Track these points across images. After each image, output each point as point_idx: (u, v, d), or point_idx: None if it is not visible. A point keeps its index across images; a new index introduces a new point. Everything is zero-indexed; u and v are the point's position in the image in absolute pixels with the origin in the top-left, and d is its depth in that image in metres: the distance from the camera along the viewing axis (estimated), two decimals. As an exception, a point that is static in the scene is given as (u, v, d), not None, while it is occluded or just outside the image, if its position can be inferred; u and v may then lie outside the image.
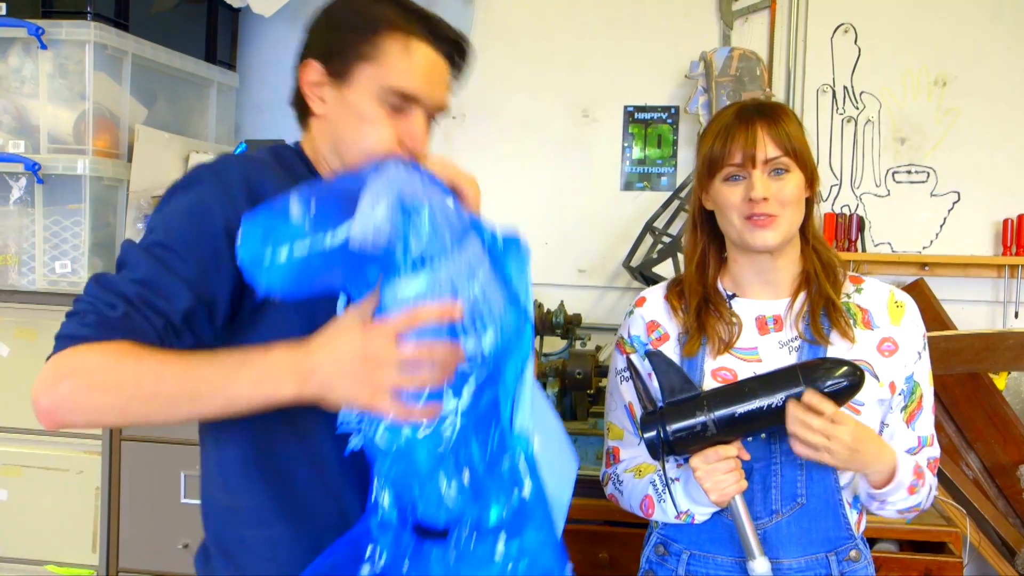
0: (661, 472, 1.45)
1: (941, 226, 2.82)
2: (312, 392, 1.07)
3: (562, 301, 2.70)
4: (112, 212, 2.49)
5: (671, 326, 1.56)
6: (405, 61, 1.22)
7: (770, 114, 1.46)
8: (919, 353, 1.52)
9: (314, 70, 1.25)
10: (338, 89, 1.24)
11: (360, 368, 1.05)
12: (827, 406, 1.34)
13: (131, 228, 2.47)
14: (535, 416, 1.14)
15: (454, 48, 1.27)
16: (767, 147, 1.43)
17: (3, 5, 2.38)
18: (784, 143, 1.44)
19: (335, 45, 1.24)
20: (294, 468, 1.22)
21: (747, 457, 1.42)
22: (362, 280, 1.11)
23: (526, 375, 1.13)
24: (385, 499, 1.13)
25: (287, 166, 1.28)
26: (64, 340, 1.09)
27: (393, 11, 1.24)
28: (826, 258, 1.52)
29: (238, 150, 2.72)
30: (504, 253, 1.17)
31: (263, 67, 3.15)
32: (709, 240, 1.56)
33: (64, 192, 2.38)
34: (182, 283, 1.13)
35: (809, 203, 1.50)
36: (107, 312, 1.09)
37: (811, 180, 1.48)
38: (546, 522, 1.14)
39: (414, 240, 1.07)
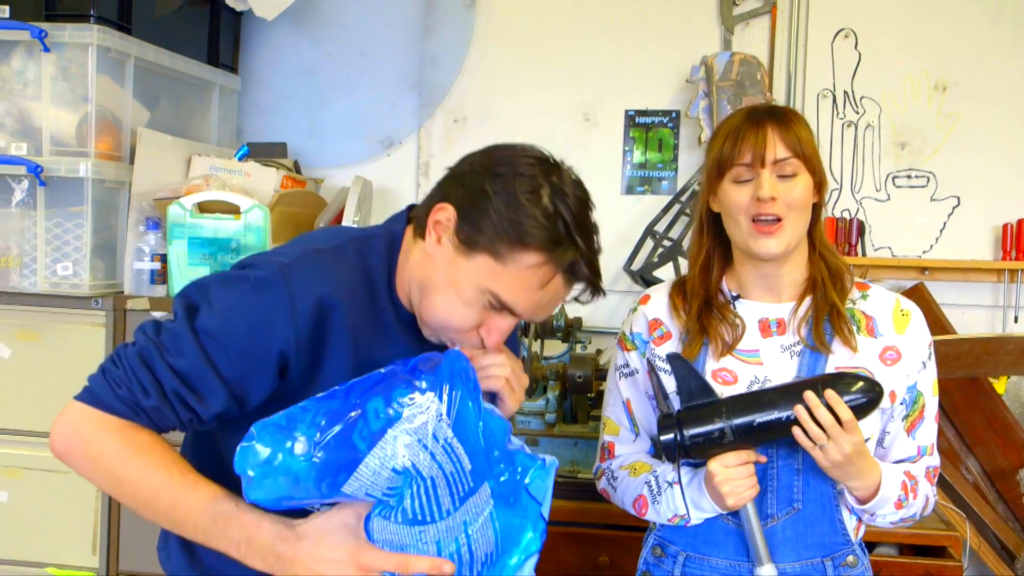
0: (676, 474, 1.46)
1: (941, 230, 2.82)
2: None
3: (563, 304, 2.70)
4: (114, 214, 2.50)
5: (673, 325, 1.56)
6: (530, 289, 1.19)
7: (781, 117, 1.47)
8: (923, 363, 1.52)
9: (446, 217, 1.21)
10: (456, 251, 1.20)
11: None
12: (845, 412, 1.34)
13: (133, 230, 2.47)
14: None
15: (586, 290, 1.26)
16: (777, 148, 1.43)
17: (6, 8, 2.39)
18: (794, 145, 1.44)
19: (478, 217, 1.18)
20: None
21: (763, 460, 1.42)
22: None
23: (525, 569, 1.20)
24: None
25: (368, 274, 1.26)
26: (94, 399, 1.16)
27: (551, 236, 1.17)
28: (834, 265, 1.52)
29: (239, 153, 2.73)
30: (531, 471, 1.22)
31: (265, 70, 3.16)
32: (714, 243, 1.56)
33: (66, 194, 2.38)
34: (221, 384, 1.16)
35: (817, 208, 1.50)
36: (140, 397, 1.14)
37: (819, 185, 1.48)
38: None
39: (408, 502, 1.13)
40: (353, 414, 1.12)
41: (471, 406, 1.15)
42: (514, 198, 1.17)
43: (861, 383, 1.37)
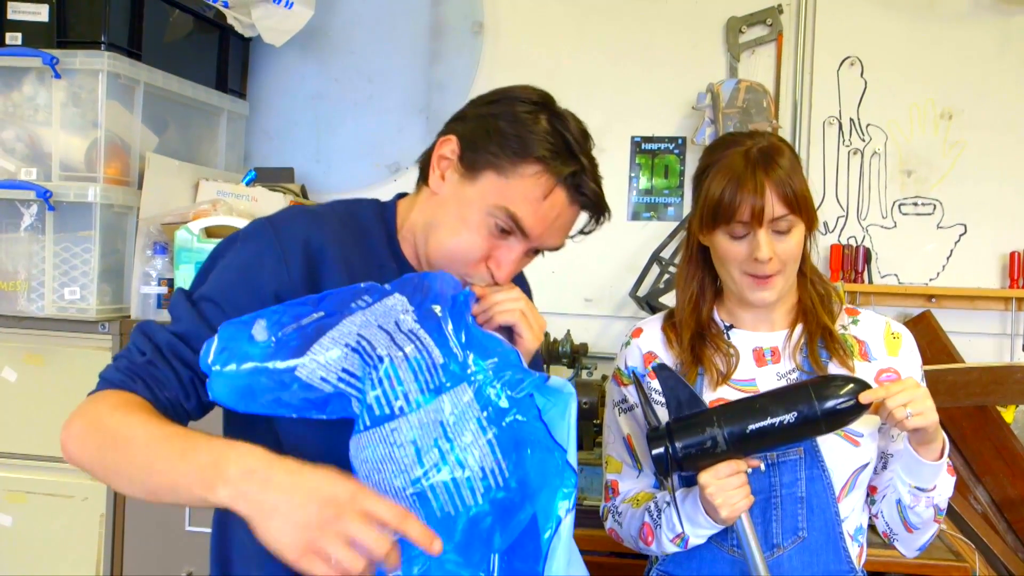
0: (668, 489, 1.42)
1: (948, 258, 2.82)
2: (245, 509, 0.95)
3: (568, 330, 2.70)
4: (122, 239, 2.51)
5: (668, 357, 1.55)
6: (535, 199, 1.18)
7: (775, 164, 1.42)
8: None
9: (450, 147, 1.23)
10: (461, 179, 1.21)
11: (311, 515, 0.93)
12: (880, 393, 1.34)
13: (140, 255, 2.48)
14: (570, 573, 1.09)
15: (592, 209, 1.24)
16: (775, 206, 1.40)
17: (18, 35, 2.42)
18: (791, 199, 1.40)
19: (481, 140, 1.20)
20: None
21: (757, 464, 1.40)
22: (317, 416, 1.07)
23: (562, 529, 1.07)
24: None
25: (361, 227, 1.27)
26: (100, 381, 1.14)
27: (553, 147, 1.19)
28: (822, 289, 1.52)
29: (247, 178, 2.74)
30: (541, 395, 1.11)
31: (273, 96, 3.18)
32: (704, 274, 1.55)
33: (75, 219, 2.40)
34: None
35: (806, 241, 1.49)
36: (135, 358, 1.13)
37: (810, 225, 1.47)
38: None
39: (370, 393, 1.05)
40: (317, 314, 1.09)
41: (445, 311, 1.11)
42: (515, 116, 1.20)
43: (851, 384, 1.34)
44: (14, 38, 2.42)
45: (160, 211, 2.51)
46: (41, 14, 2.42)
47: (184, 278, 2.38)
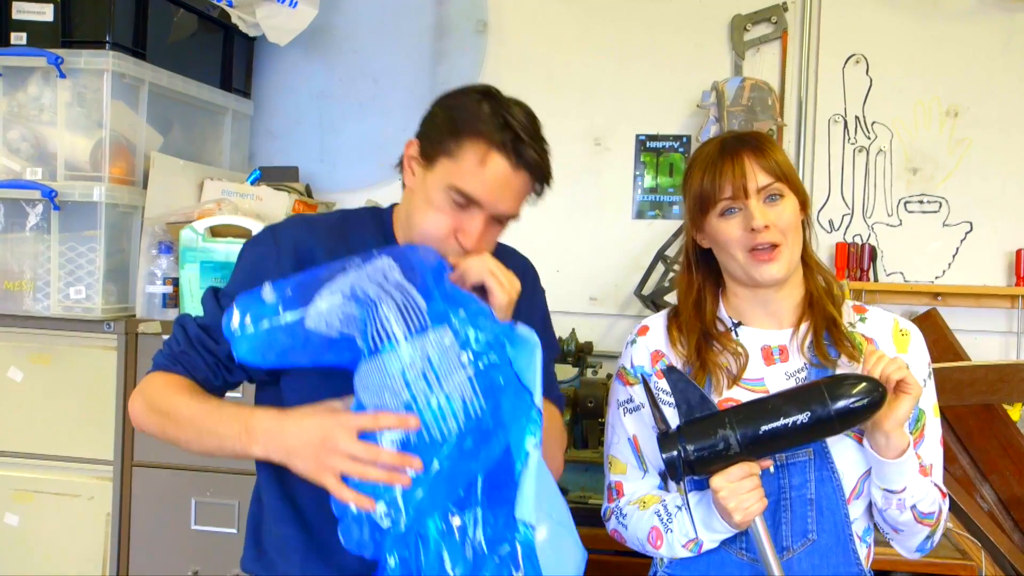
0: (681, 493, 1.42)
1: (954, 256, 2.81)
2: (277, 457, 1.26)
3: (573, 329, 2.70)
4: (127, 238, 2.51)
5: (672, 355, 1.53)
6: (476, 168, 1.33)
7: (755, 144, 1.45)
8: (924, 381, 1.49)
9: (413, 148, 1.41)
10: (423, 170, 1.39)
11: (316, 448, 1.22)
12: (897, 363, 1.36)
13: (145, 254, 2.48)
14: (542, 504, 1.23)
15: (532, 172, 1.37)
16: (757, 176, 1.42)
17: (23, 35, 2.42)
18: (774, 169, 1.43)
19: (432, 132, 1.39)
20: (302, 491, 1.40)
21: (768, 465, 1.39)
22: (329, 361, 1.28)
23: (530, 463, 1.23)
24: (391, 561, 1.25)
25: (354, 230, 1.47)
26: (152, 364, 1.43)
27: (485, 120, 1.34)
28: (826, 282, 1.52)
29: (251, 178, 2.74)
30: (514, 347, 1.26)
31: (277, 95, 3.18)
32: (704, 278, 1.54)
33: (80, 219, 2.40)
34: None
35: (803, 227, 1.49)
36: (174, 347, 1.43)
37: (803, 203, 1.47)
38: None
39: (369, 331, 1.23)
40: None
41: (427, 271, 1.28)
42: (457, 104, 1.38)
43: (864, 384, 1.33)
44: (19, 38, 2.43)
45: (165, 210, 2.51)
46: (46, 14, 2.43)
47: (189, 277, 2.38)
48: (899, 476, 1.39)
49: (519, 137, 1.34)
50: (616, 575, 2.19)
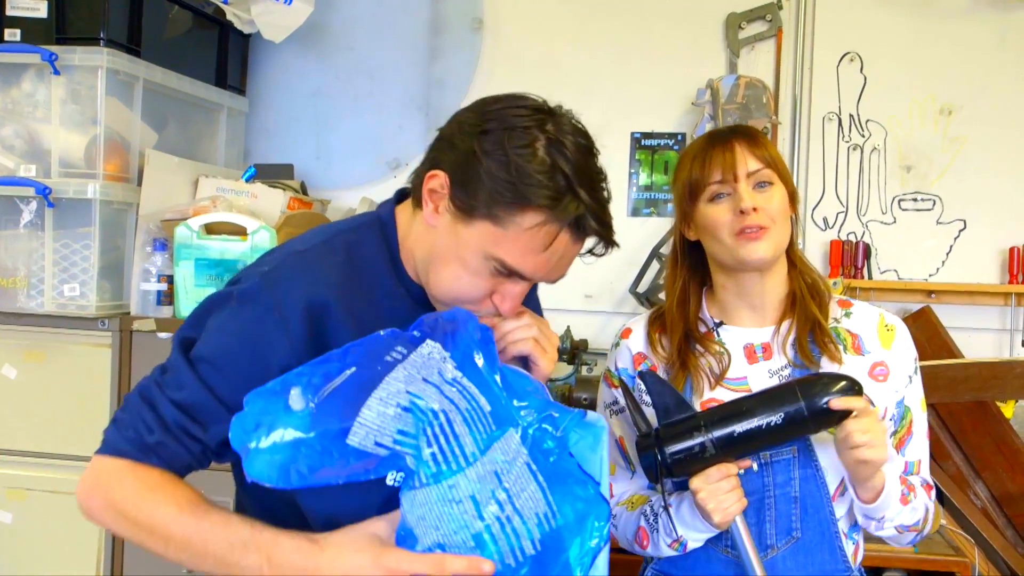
0: (661, 495, 1.42)
1: (948, 254, 2.82)
2: None
3: (568, 326, 2.70)
4: (121, 236, 2.51)
5: (656, 359, 1.53)
6: (535, 250, 1.11)
7: (745, 133, 1.46)
8: (910, 377, 1.50)
9: (440, 184, 1.13)
10: (455, 221, 1.13)
11: None
12: (856, 402, 1.31)
13: (140, 251, 2.48)
14: None
15: (599, 240, 1.17)
16: (747, 161, 1.42)
17: (17, 31, 2.41)
18: (764, 157, 1.43)
19: (471, 182, 1.10)
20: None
21: (748, 465, 1.39)
22: (368, 478, 1.05)
23: (598, 563, 1.07)
24: None
25: (362, 264, 1.20)
26: (106, 446, 1.14)
27: (552, 192, 1.08)
28: (811, 279, 1.51)
29: (247, 175, 2.74)
30: (572, 430, 1.10)
31: (272, 92, 3.18)
32: (691, 274, 1.54)
33: (74, 216, 2.40)
34: (223, 408, 1.11)
35: (791, 223, 1.48)
36: (144, 435, 1.11)
37: (792, 197, 1.47)
38: None
39: (426, 450, 1.03)
40: (350, 371, 1.05)
41: (479, 353, 1.09)
42: (506, 156, 1.08)
43: (842, 383, 1.32)
44: (13, 34, 2.42)
45: (160, 208, 2.51)
46: (40, 10, 2.42)
47: (184, 275, 2.38)
48: (879, 509, 1.41)
49: (588, 208, 1.11)
50: (610, 573, 2.19)
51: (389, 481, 1.11)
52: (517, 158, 1.08)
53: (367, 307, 1.18)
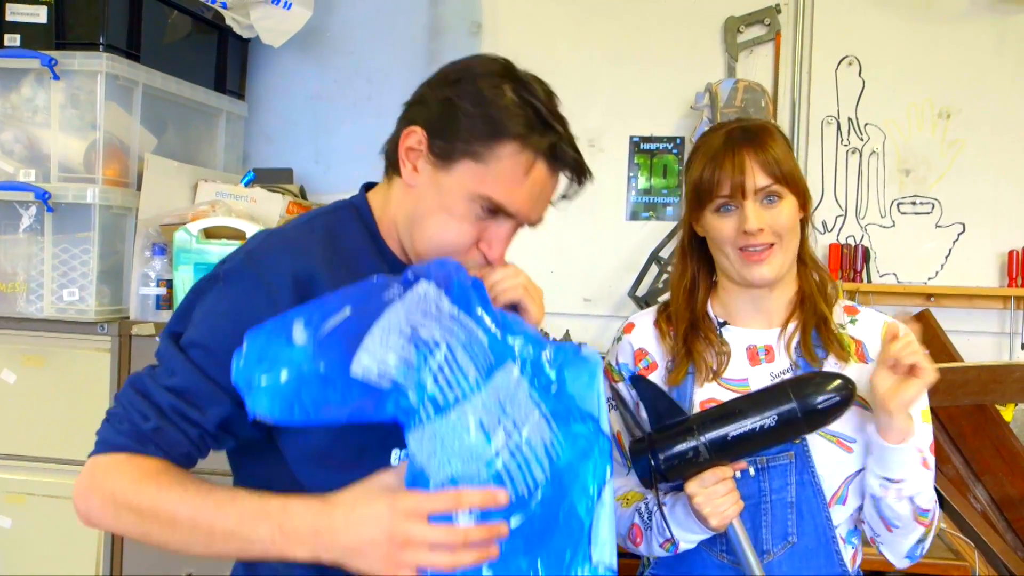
0: (655, 500, 1.41)
1: (946, 257, 2.82)
2: (330, 558, 1.02)
3: (567, 330, 2.71)
4: (121, 240, 2.51)
5: (659, 353, 1.52)
6: (516, 180, 1.14)
7: (756, 140, 1.42)
8: None
9: (417, 139, 1.17)
10: (435, 170, 1.16)
11: (385, 545, 1.01)
12: (898, 327, 1.31)
13: (139, 256, 2.48)
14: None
15: (573, 173, 1.20)
16: (756, 176, 1.39)
17: (17, 36, 2.42)
18: (773, 170, 1.40)
19: (448, 126, 1.15)
20: None
21: (744, 466, 1.38)
22: (370, 416, 1.05)
23: (604, 499, 1.07)
24: None
25: (343, 241, 1.22)
26: (101, 444, 1.11)
27: (525, 121, 1.14)
28: (817, 277, 1.50)
29: (246, 179, 2.74)
30: (567, 367, 1.11)
31: (272, 96, 3.18)
32: (699, 266, 1.53)
33: (74, 220, 2.40)
34: (219, 390, 1.10)
35: (803, 223, 1.47)
36: (140, 423, 1.10)
37: (804, 202, 1.45)
38: None
39: (430, 381, 1.03)
40: (347, 309, 1.06)
41: (472, 294, 1.10)
42: (479, 95, 1.14)
43: (836, 381, 1.31)
44: (12, 39, 2.42)
45: (159, 212, 2.51)
46: (40, 15, 2.42)
47: (183, 279, 2.38)
48: (899, 464, 1.36)
49: (560, 136, 1.16)
50: None
51: (393, 460, 1.13)
52: (490, 94, 1.14)
53: (351, 280, 1.16)
